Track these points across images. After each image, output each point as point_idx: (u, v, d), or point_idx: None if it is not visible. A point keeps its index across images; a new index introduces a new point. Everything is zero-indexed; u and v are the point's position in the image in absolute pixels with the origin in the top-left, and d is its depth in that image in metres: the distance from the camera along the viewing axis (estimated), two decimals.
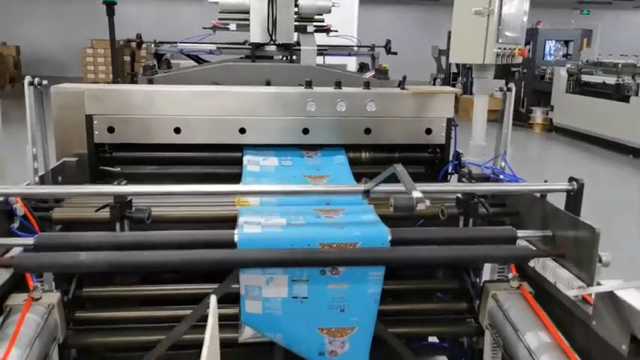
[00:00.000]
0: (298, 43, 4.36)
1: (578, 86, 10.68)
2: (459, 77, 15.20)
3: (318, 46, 4.52)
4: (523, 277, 1.91)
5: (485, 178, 2.24)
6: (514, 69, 12.49)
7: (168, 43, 4.35)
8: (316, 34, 4.59)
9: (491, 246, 1.79)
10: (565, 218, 1.76)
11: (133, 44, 5.05)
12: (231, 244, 1.72)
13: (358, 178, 2.59)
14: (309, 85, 2.59)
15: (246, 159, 2.49)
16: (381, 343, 1.94)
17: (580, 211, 1.77)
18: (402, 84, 2.70)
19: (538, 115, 11.45)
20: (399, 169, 1.70)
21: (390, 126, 2.58)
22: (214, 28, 4.24)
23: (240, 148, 2.54)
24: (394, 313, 2.12)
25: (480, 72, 2.45)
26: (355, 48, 4.74)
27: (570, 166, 8.25)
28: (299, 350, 1.85)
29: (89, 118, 2.43)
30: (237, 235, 1.74)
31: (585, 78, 10.55)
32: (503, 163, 2.23)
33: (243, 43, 4.33)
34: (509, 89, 2.21)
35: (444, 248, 1.76)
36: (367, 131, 2.58)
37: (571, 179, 1.81)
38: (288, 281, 1.77)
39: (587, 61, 11.07)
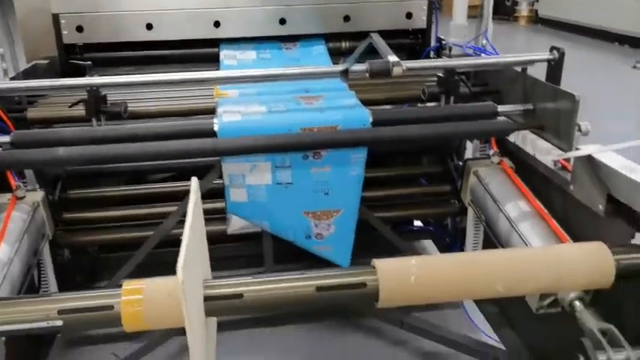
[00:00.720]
0: None
1: None
2: None
3: None
4: (504, 153, 1.92)
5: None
6: None
7: None
8: None
9: (471, 122, 1.79)
10: (545, 89, 1.75)
11: None
12: (212, 134, 1.71)
13: None
14: None
15: (222, 54, 2.42)
16: (367, 228, 1.98)
17: (560, 80, 1.75)
18: None
19: (523, 7, 11.17)
20: (376, 38, 1.66)
21: (369, 11, 2.50)
22: None
23: (216, 43, 2.47)
24: (379, 198, 2.15)
25: None
26: None
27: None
28: (286, 235, 1.89)
29: (56, 17, 2.33)
30: (216, 123, 1.72)
31: None
32: (484, 41, 2.19)
33: None
34: None
35: (425, 126, 1.76)
36: (346, 19, 2.50)
37: (552, 48, 1.77)
38: (272, 168, 1.78)
39: None
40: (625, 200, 1.34)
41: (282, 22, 2.46)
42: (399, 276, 1.12)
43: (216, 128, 1.71)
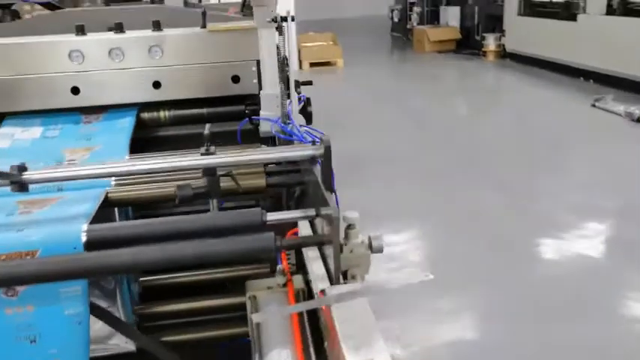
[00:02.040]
0: None
1: (528, 7, 10.03)
2: (414, 7, 14.42)
3: None
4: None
5: (272, 139, 1.74)
6: None
7: None
8: None
9: (226, 239, 1.30)
10: (319, 193, 1.28)
11: None
12: None
13: (159, 143, 2.13)
14: (80, 30, 2.05)
15: (4, 130, 1.98)
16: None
17: (332, 186, 1.28)
18: (203, 20, 2.14)
19: (491, 42, 10.82)
20: None
21: (185, 76, 2.06)
22: None
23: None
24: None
25: None
26: None
27: (521, 93, 7.78)
28: None
29: None
30: None
31: None
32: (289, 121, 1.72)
33: None
34: (283, 19, 1.67)
35: (160, 248, 1.28)
36: (156, 85, 2.06)
37: (320, 140, 1.31)
38: None
39: None
40: None
41: (75, 91, 2.01)
42: None
43: None
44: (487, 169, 5.05)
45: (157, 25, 2.09)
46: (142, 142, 2.11)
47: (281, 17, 1.75)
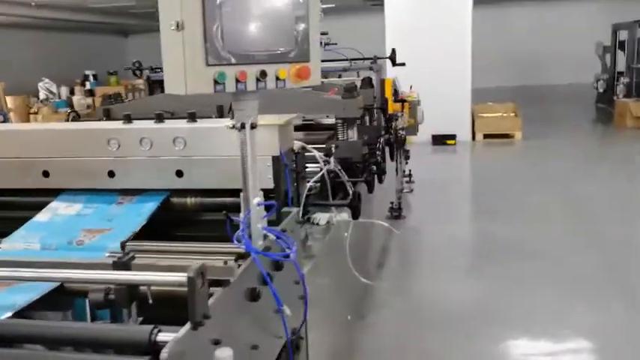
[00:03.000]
0: None
1: None
2: (622, 77, 13.09)
3: None
4: None
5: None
6: None
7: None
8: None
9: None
10: None
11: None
12: None
13: (181, 226, 2.22)
14: (127, 119, 2.25)
15: (54, 205, 2.23)
16: None
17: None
18: (230, 112, 2.19)
19: None
20: None
21: (203, 167, 2.13)
22: None
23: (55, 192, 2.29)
24: None
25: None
26: (350, 63, 4.20)
27: None
28: None
29: None
30: None
31: None
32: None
33: None
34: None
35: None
36: (179, 174, 2.15)
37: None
38: None
39: None
40: None
41: (111, 174, 2.19)
42: None
43: None
44: None
45: (192, 117, 2.21)
46: (171, 225, 2.22)
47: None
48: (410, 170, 6.90)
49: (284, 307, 1.64)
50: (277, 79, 1.66)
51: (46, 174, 2.24)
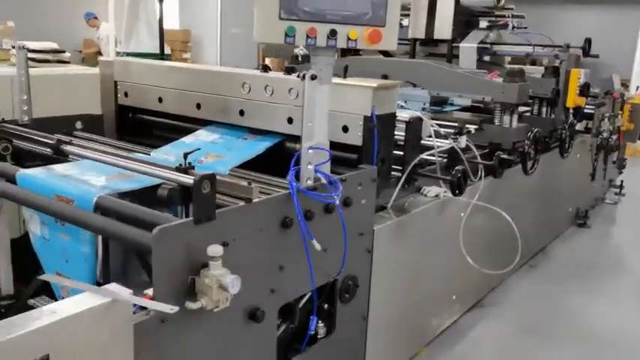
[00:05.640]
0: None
1: None
2: None
3: (483, 43, 4.06)
4: None
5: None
6: None
7: None
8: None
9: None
10: None
11: None
12: (13, 180, 2.09)
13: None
14: (265, 69, 2.61)
15: (199, 132, 2.72)
16: None
17: None
18: (344, 73, 2.40)
19: None
20: None
21: None
22: None
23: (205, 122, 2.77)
24: None
25: None
26: (533, 48, 3.97)
27: None
28: (53, 286, 2.10)
29: (115, 83, 3.07)
30: (18, 172, 2.08)
31: None
32: None
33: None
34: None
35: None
36: (290, 120, 2.44)
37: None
38: (40, 221, 2.04)
39: None
40: None
41: (242, 113, 2.58)
42: None
43: (17, 176, 2.08)
44: None
45: (287, 71, 2.49)
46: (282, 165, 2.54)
47: None
48: (622, 181, 6.21)
49: (313, 241, 1.83)
50: (348, 39, 1.83)
51: (198, 106, 2.73)
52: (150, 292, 1.46)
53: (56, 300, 2.59)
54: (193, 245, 1.51)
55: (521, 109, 3.65)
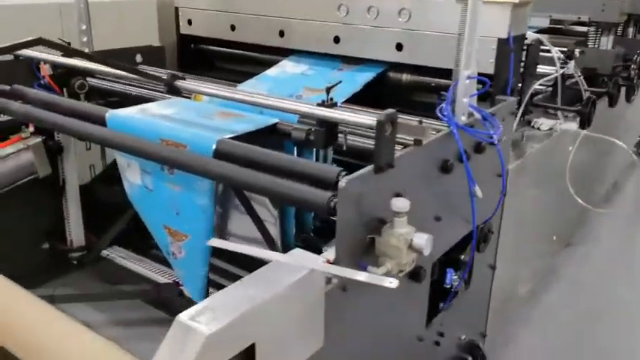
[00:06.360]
0: None
1: None
2: None
3: None
4: None
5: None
6: None
7: None
8: None
9: (292, 185, 1.36)
10: None
11: None
12: (102, 122, 1.80)
13: (391, 102, 2.26)
14: None
15: (283, 63, 2.41)
16: None
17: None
18: None
19: None
20: None
21: (424, 43, 2.07)
22: None
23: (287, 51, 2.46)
24: None
25: None
26: None
27: None
28: (157, 242, 1.86)
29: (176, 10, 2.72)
30: (108, 113, 1.80)
31: None
32: None
33: None
34: None
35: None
36: (399, 47, 2.13)
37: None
38: (140, 169, 1.78)
39: None
40: None
41: (337, 40, 2.27)
42: None
43: (107, 117, 1.79)
44: None
45: None
46: (383, 99, 2.26)
47: None
48: None
49: (475, 187, 1.59)
50: None
51: (281, 33, 2.41)
52: (329, 255, 1.21)
53: (136, 254, 2.41)
54: (373, 198, 1.26)
55: None
